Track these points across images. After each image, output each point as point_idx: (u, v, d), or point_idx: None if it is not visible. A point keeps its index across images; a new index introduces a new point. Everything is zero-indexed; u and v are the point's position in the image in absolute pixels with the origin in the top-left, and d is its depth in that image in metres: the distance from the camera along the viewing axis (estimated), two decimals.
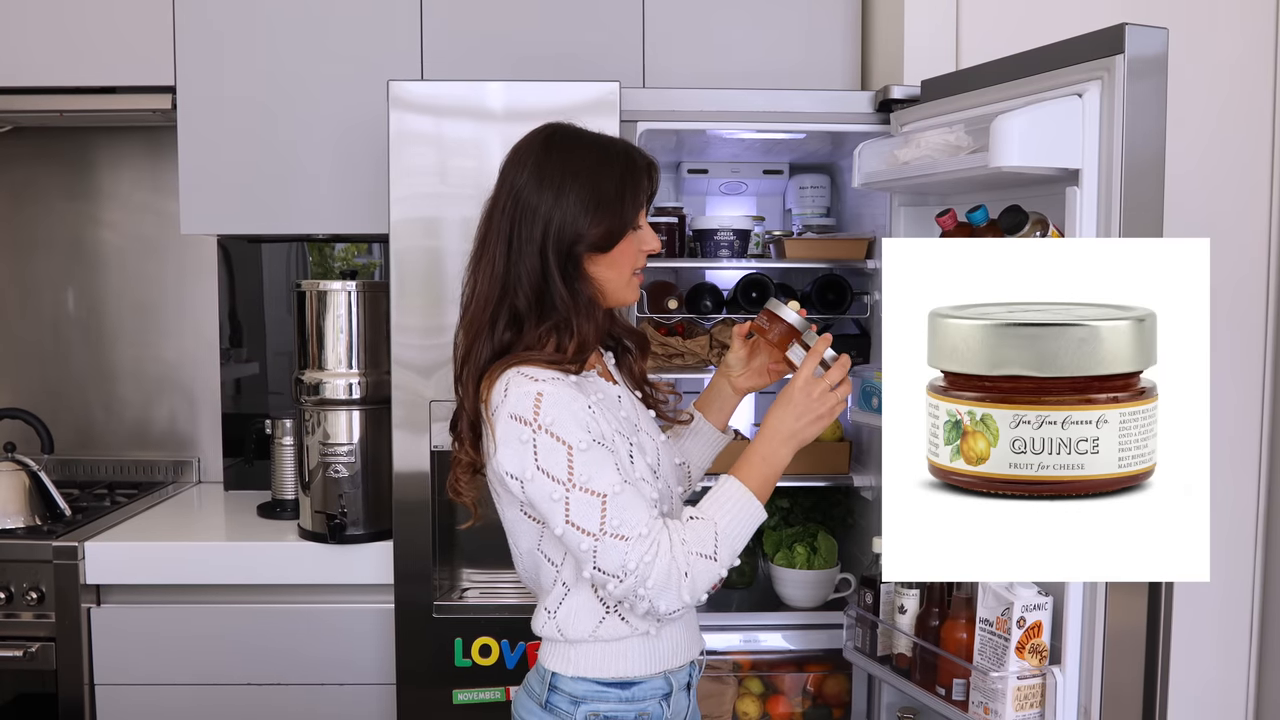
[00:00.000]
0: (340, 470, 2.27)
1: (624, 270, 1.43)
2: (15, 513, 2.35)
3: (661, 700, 1.46)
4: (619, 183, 1.39)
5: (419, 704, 2.12)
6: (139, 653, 2.24)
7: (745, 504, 1.37)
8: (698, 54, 2.45)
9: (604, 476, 1.32)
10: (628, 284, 1.45)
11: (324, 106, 2.43)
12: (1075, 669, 1.60)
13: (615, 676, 1.43)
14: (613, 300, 1.45)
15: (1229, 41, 2.12)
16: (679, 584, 1.31)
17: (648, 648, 1.44)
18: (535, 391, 1.32)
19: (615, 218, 1.38)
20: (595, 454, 1.32)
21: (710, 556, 1.33)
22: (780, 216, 2.71)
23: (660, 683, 1.46)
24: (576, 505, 1.31)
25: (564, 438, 1.31)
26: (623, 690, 1.44)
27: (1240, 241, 2.15)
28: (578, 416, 1.33)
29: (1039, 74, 1.63)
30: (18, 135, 2.82)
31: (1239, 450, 2.18)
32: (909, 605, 1.83)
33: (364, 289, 2.27)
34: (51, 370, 2.91)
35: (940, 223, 1.74)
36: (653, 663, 1.45)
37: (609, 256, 1.40)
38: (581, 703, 1.43)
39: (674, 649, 1.47)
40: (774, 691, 2.26)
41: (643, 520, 1.32)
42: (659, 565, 1.31)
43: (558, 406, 1.32)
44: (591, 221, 1.37)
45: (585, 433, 1.32)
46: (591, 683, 1.43)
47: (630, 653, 1.44)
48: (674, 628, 1.46)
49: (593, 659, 1.43)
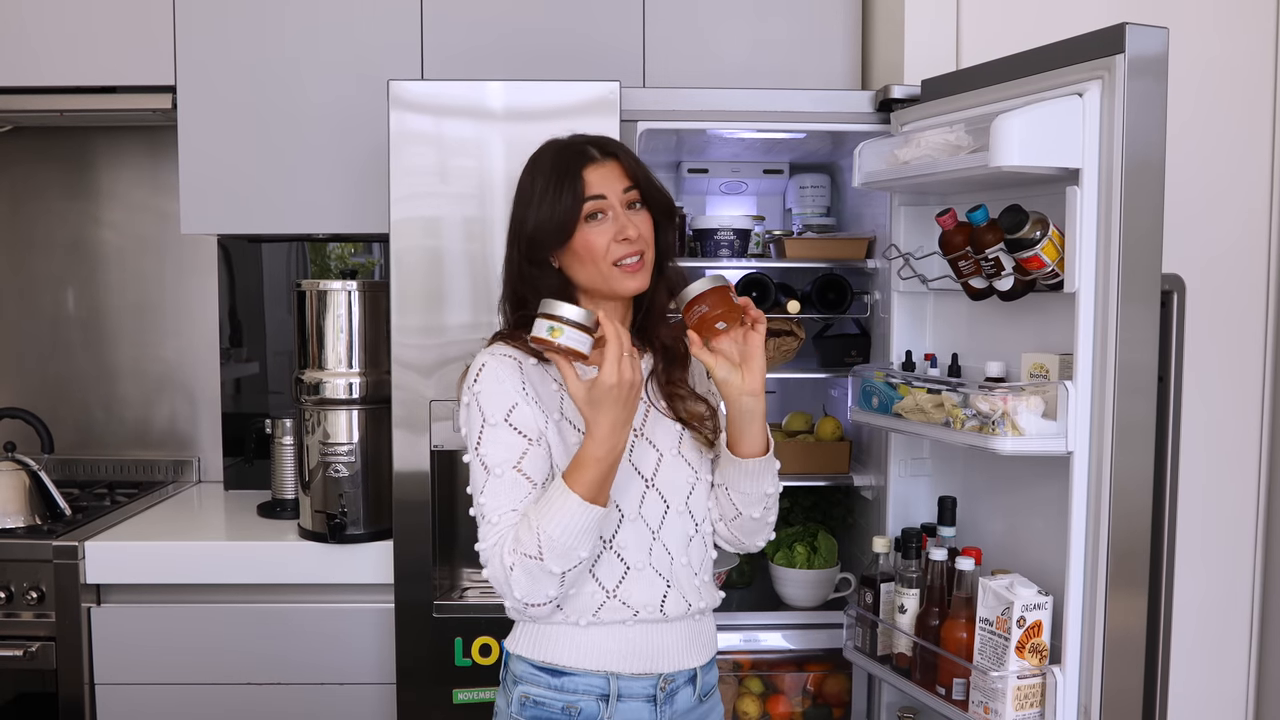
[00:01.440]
0: (340, 470, 2.27)
1: (594, 263, 1.43)
2: (15, 512, 2.35)
3: (599, 700, 1.44)
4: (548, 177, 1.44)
5: (419, 704, 2.11)
6: (139, 652, 2.24)
7: (568, 505, 1.33)
8: (698, 54, 2.45)
9: (495, 455, 1.39)
10: (609, 275, 1.43)
11: (324, 106, 2.43)
12: (1075, 668, 1.60)
13: (543, 661, 1.45)
14: (600, 290, 1.44)
15: (1229, 41, 2.12)
16: (507, 578, 1.35)
17: (575, 638, 1.44)
18: (482, 363, 1.43)
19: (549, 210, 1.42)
20: (501, 433, 1.40)
21: (534, 556, 1.33)
22: (780, 216, 2.71)
23: (598, 681, 1.44)
24: (473, 473, 1.42)
25: (483, 408, 1.41)
26: (552, 677, 1.45)
27: (1240, 241, 2.15)
28: (505, 394, 1.41)
29: (1039, 74, 1.63)
30: (18, 135, 2.82)
31: (1239, 450, 2.18)
32: (909, 605, 1.83)
33: (364, 288, 2.27)
34: (51, 370, 2.91)
35: (940, 222, 1.75)
36: (583, 657, 1.44)
37: (571, 250, 1.44)
38: (519, 682, 1.47)
39: (621, 652, 1.45)
40: (774, 691, 2.26)
41: (500, 510, 1.37)
42: (494, 557, 1.36)
43: (491, 380, 1.42)
44: (532, 218, 1.43)
45: (503, 411, 1.40)
46: (526, 663, 1.47)
47: (559, 639, 1.45)
48: (617, 630, 1.45)
49: (527, 639, 1.47)
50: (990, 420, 1.62)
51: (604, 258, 1.43)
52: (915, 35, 2.19)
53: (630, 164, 1.47)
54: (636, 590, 1.45)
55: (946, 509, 1.83)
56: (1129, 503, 1.57)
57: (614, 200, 1.44)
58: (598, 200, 1.43)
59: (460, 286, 2.07)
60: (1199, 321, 2.05)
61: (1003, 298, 1.72)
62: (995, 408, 1.61)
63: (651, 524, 1.46)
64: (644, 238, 1.45)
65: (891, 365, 2.01)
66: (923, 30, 2.19)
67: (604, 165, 1.45)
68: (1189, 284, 1.83)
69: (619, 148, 1.49)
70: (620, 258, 1.43)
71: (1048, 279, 1.64)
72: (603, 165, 1.45)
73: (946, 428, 1.71)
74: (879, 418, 1.89)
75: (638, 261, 1.45)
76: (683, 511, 1.49)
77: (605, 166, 1.45)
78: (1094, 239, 1.56)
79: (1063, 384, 1.59)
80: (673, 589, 1.47)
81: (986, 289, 1.75)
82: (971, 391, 1.67)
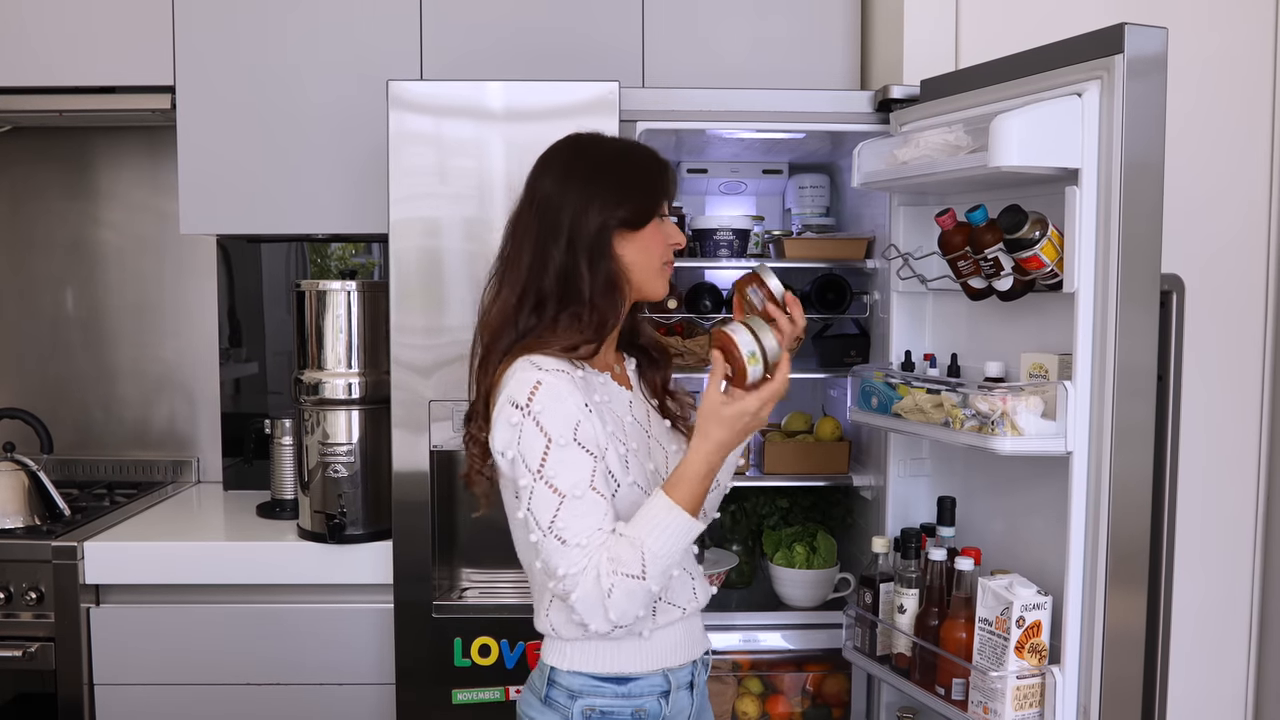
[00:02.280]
0: (339, 470, 2.27)
1: (653, 256, 1.45)
2: (14, 513, 2.35)
3: (660, 698, 1.47)
4: (644, 170, 1.46)
5: (418, 704, 2.11)
6: (138, 653, 2.24)
7: (676, 521, 1.33)
8: (697, 54, 2.45)
9: (568, 476, 1.34)
10: (658, 273, 1.47)
11: (324, 106, 2.43)
12: (1075, 668, 1.60)
13: (611, 672, 1.45)
14: (643, 289, 1.47)
15: (1228, 40, 2.12)
16: (603, 602, 1.32)
17: (641, 647, 1.46)
18: (535, 380, 1.35)
19: (644, 196, 1.44)
20: (571, 453, 1.34)
21: (637, 576, 1.32)
22: (780, 216, 2.71)
23: (658, 680, 1.48)
24: (539, 497, 1.34)
25: (546, 429, 1.34)
26: (619, 685, 1.46)
27: (1240, 240, 2.15)
28: (568, 412, 1.35)
29: (1038, 74, 1.63)
30: (18, 135, 2.82)
31: (1239, 450, 2.18)
32: (908, 605, 1.83)
33: (363, 289, 2.27)
34: (51, 370, 2.91)
35: (940, 222, 1.74)
36: (648, 661, 1.47)
37: (639, 237, 1.43)
38: (578, 697, 1.45)
39: (672, 648, 1.49)
40: (773, 691, 2.26)
41: (586, 531, 1.33)
42: (585, 580, 1.32)
43: (550, 398, 1.35)
44: (622, 199, 1.41)
45: (569, 430, 1.34)
46: (587, 677, 1.45)
47: (624, 650, 1.45)
48: (671, 630, 1.49)
49: (588, 654, 1.45)
50: (990, 420, 1.62)
51: (662, 255, 1.47)
52: (914, 35, 2.19)
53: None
54: (678, 589, 1.50)
55: (946, 509, 1.83)
56: (1128, 503, 1.57)
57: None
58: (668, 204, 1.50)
59: (460, 287, 2.06)
60: (1199, 321, 2.05)
61: (1002, 298, 1.72)
62: (994, 408, 1.61)
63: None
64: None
65: (891, 365, 2.01)
66: (922, 30, 2.19)
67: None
68: (1188, 283, 1.83)
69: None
70: (668, 260, 1.49)
71: (1047, 279, 1.64)
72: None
73: (946, 428, 1.71)
74: (878, 418, 1.89)
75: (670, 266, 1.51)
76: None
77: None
78: (1093, 239, 1.56)
79: (1062, 384, 1.59)
80: (696, 579, 1.54)
81: (986, 289, 1.75)
82: (971, 391, 1.67)
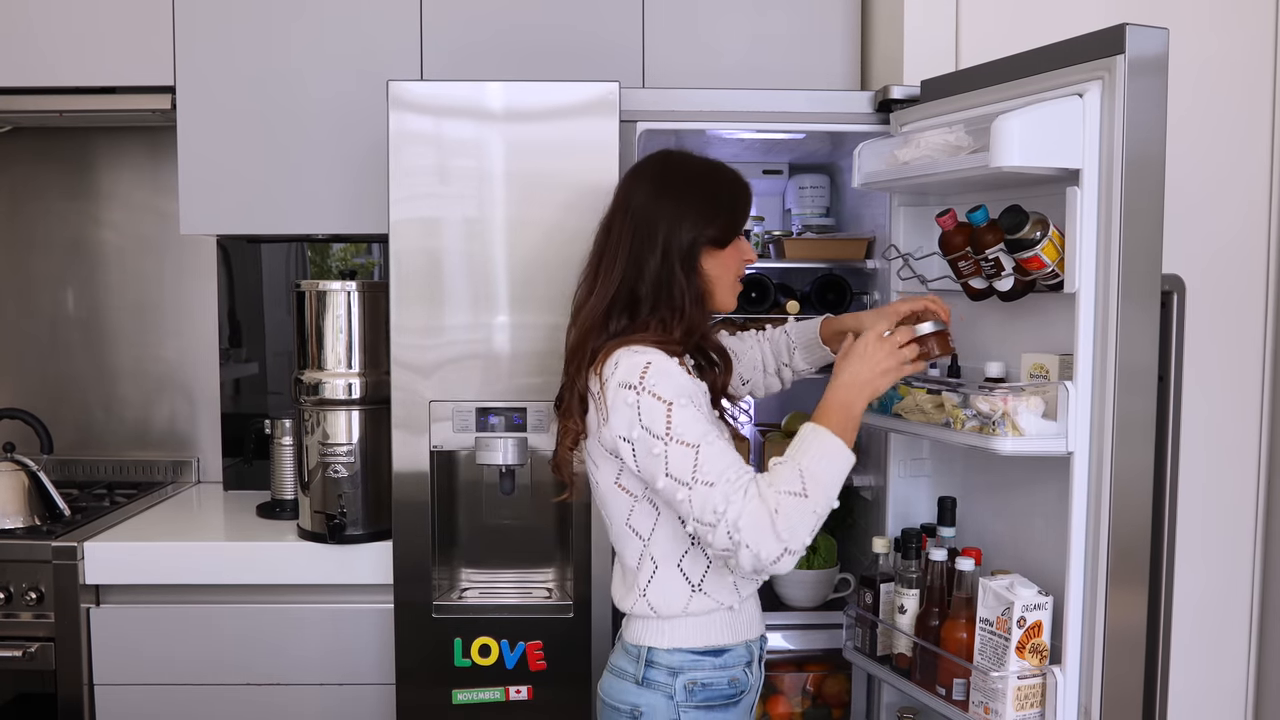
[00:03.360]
0: (340, 470, 2.27)
1: (732, 270, 1.59)
2: (14, 513, 2.35)
3: (745, 667, 1.60)
4: (732, 190, 1.59)
5: (418, 704, 2.11)
6: (138, 653, 2.24)
7: (827, 442, 1.44)
8: (697, 54, 2.45)
9: (695, 428, 1.43)
10: (732, 287, 1.61)
11: (324, 106, 2.43)
12: (1075, 668, 1.60)
13: (708, 645, 1.56)
14: (718, 300, 1.60)
15: (1229, 41, 2.12)
16: (770, 522, 1.38)
17: (731, 619, 1.58)
18: (644, 361, 1.47)
19: (731, 216, 1.57)
20: (690, 411, 1.44)
21: (799, 494, 1.39)
22: (780, 216, 2.71)
23: (743, 651, 1.60)
24: (674, 457, 1.43)
25: (663, 396, 1.44)
26: (715, 658, 1.57)
27: (1240, 240, 2.15)
28: (679, 381, 1.47)
29: (1039, 74, 1.63)
30: (18, 135, 2.82)
31: (1239, 449, 2.18)
32: (909, 605, 1.83)
33: (363, 289, 2.26)
34: (51, 370, 2.91)
35: (940, 223, 1.74)
36: (737, 632, 1.59)
37: (723, 255, 1.57)
38: (680, 673, 1.55)
39: (750, 621, 1.63)
40: (774, 691, 2.26)
41: (730, 467, 1.42)
42: (749, 508, 1.39)
43: (661, 373, 1.46)
44: (712, 217, 1.54)
45: (684, 394, 1.45)
46: (687, 653, 1.56)
47: (718, 624, 1.57)
48: (751, 603, 1.62)
49: (687, 631, 1.56)
50: (990, 420, 1.62)
51: (736, 271, 1.61)
52: (915, 35, 2.19)
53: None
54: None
55: (946, 509, 1.83)
56: (1129, 502, 1.57)
57: None
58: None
59: (459, 287, 2.06)
60: (1199, 321, 2.05)
61: (1003, 298, 1.72)
62: (995, 408, 1.61)
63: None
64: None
65: None
66: (922, 30, 2.19)
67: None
68: (1189, 283, 1.83)
69: None
70: (741, 275, 1.62)
71: (1048, 279, 1.64)
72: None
73: (946, 428, 1.71)
74: (878, 418, 1.89)
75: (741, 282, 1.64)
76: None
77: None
78: (1094, 239, 1.56)
79: (1063, 384, 1.59)
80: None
81: (986, 289, 1.75)
82: (971, 392, 1.67)
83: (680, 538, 1.54)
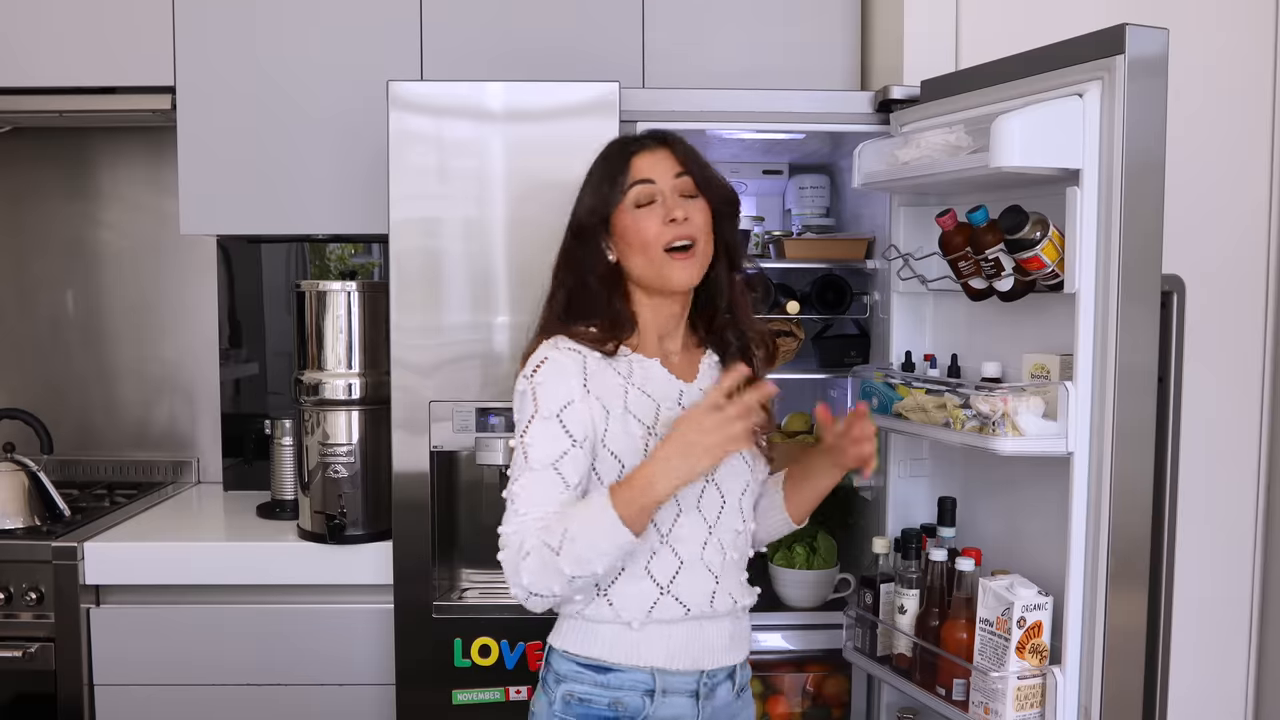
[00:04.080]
0: (340, 470, 2.27)
1: (644, 250, 1.44)
2: (14, 513, 2.35)
3: (644, 695, 1.45)
4: (599, 165, 1.49)
5: (418, 704, 2.11)
6: (138, 653, 2.24)
7: (602, 517, 1.32)
8: (697, 54, 2.45)
9: (539, 450, 1.39)
10: (660, 264, 1.44)
11: (324, 106, 2.43)
12: (1075, 669, 1.60)
13: (591, 658, 1.45)
14: (652, 282, 1.47)
15: (1229, 41, 2.12)
16: (519, 563, 1.35)
17: (625, 636, 1.45)
18: (544, 356, 1.43)
19: (594, 195, 1.47)
20: (550, 427, 1.39)
21: (554, 549, 1.33)
22: (780, 216, 2.71)
23: (643, 677, 1.45)
24: (515, 459, 1.42)
25: (538, 399, 1.41)
26: (598, 674, 1.45)
27: (1240, 241, 2.15)
28: (564, 390, 1.40)
29: (1039, 74, 1.63)
30: (18, 135, 2.82)
31: (1239, 450, 2.18)
32: (909, 605, 1.83)
33: (364, 289, 2.26)
34: (51, 370, 2.90)
35: (940, 223, 1.74)
36: (632, 654, 1.45)
37: (624, 238, 1.46)
38: (562, 681, 1.47)
39: (667, 649, 1.46)
40: (774, 691, 2.26)
41: (530, 502, 1.37)
42: (513, 541, 1.36)
43: (552, 373, 1.42)
44: (584, 202, 1.48)
45: (558, 406, 1.40)
46: (571, 662, 1.46)
47: (609, 637, 1.45)
48: (671, 629, 1.46)
49: (574, 635, 1.47)
50: (990, 421, 1.62)
51: (655, 243, 1.44)
52: (914, 36, 2.19)
53: (683, 152, 1.49)
54: (689, 586, 1.46)
55: (946, 510, 1.83)
56: (1129, 503, 1.57)
57: (664, 186, 1.45)
58: (645, 185, 1.45)
59: (460, 287, 2.06)
60: (1199, 322, 2.05)
61: (1003, 298, 1.72)
62: (996, 408, 1.61)
63: (709, 518, 1.48)
64: (695, 224, 1.45)
65: (891, 366, 2.01)
66: (922, 31, 2.19)
67: (654, 152, 1.48)
68: (1189, 284, 1.83)
69: (673, 137, 1.51)
70: (670, 242, 1.43)
71: (1048, 279, 1.64)
72: (653, 152, 1.48)
73: (946, 428, 1.71)
74: (879, 418, 1.89)
75: (689, 250, 1.44)
76: (736, 509, 1.51)
77: (656, 154, 1.48)
78: (1094, 240, 1.56)
79: (1063, 384, 1.59)
80: (721, 585, 1.49)
81: (986, 290, 1.75)
82: (972, 392, 1.67)
83: None
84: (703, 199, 1.47)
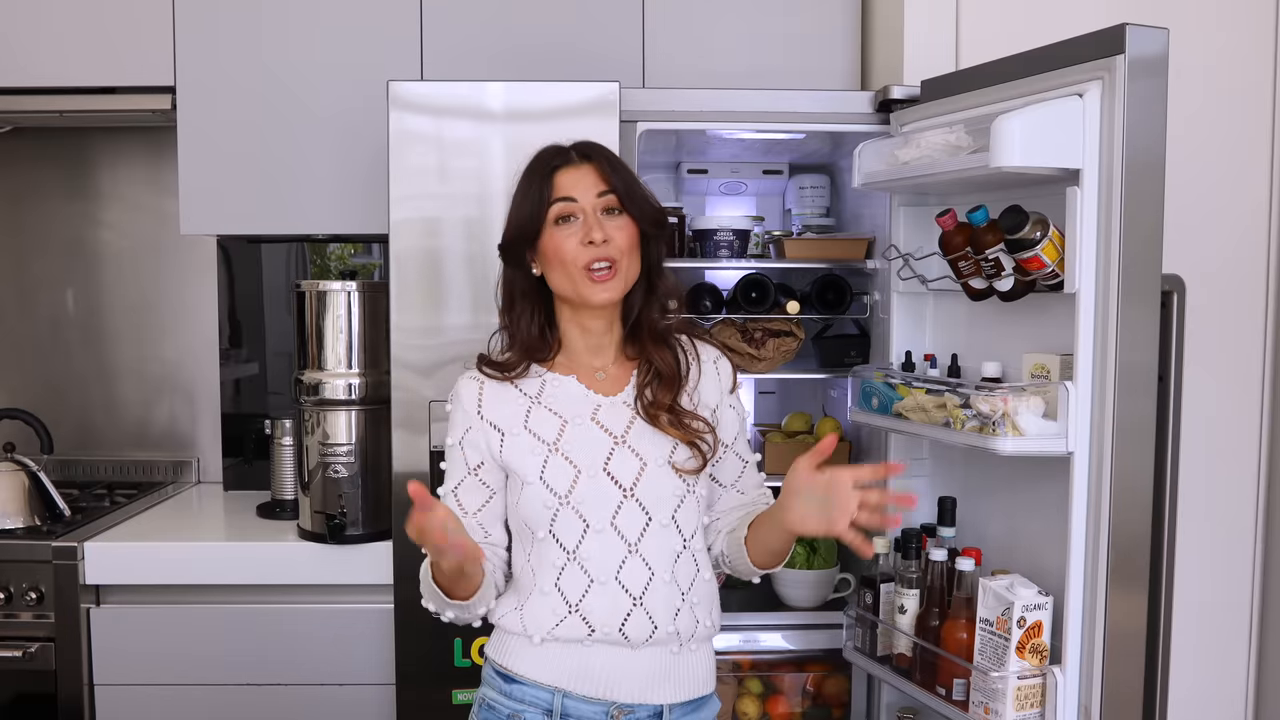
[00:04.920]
0: (340, 470, 2.27)
1: (563, 267, 1.41)
2: (15, 513, 2.35)
3: (544, 714, 1.41)
4: (523, 181, 1.46)
5: (418, 704, 2.11)
6: (138, 653, 2.24)
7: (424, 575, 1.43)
8: (697, 54, 2.45)
9: (447, 477, 1.50)
10: (579, 282, 1.41)
11: (324, 106, 2.43)
12: (1075, 669, 1.60)
13: (501, 665, 1.46)
14: (573, 299, 1.44)
15: (1229, 41, 2.12)
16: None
17: (526, 648, 1.43)
18: (458, 385, 1.51)
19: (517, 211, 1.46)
20: (454, 454, 1.49)
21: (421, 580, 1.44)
22: (780, 216, 2.71)
23: (544, 695, 1.41)
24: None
25: (450, 426, 1.51)
26: (505, 683, 1.45)
27: (1240, 241, 2.15)
28: (462, 417, 1.48)
29: (1039, 74, 1.63)
30: (18, 135, 2.82)
31: (1239, 450, 2.18)
32: (909, 605, 1.83)
33: (364, 289, 2.26)
34: (51, 370, 2.90)
35: (940, 223, 1.74)
36: (533, 667, 1.42)
37: (544, 254, 1.44)
38: (482, 684, 1.51)
39: (573, 671, 1.41)
40: (774, 691, 2.26)
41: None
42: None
43: (456, 401, 1.50)
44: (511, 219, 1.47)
45: (460, 433, 1.48)
46: (490, 666, 1.49)
47: (515, 648, 1.45)
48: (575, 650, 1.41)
49: (494, 640, 1.50)
50: (991, 421, 1.62)
51: (573, 262, 1.40)
52: (915, 35, 2.19)
53: (608, 169, 1.44)
54: (598, 606, 1.40)
55: (946, 509, 1.83)
56: (1129, 503, 1.57)
57: (585, 204, 1.42)
58: (566, 203, 1.42)
59: (460, 287, 2.06)
60: (1199, 321, 2.05)
61: (1003, 298, 1.72)
62: (996, 408, 1.61)
63: (628, 536, 1.41)
64: (615, 245, 1.41)
65: (891, 366, 2.01)
66: (922, 30, 2.19)
67: (579, 169, 1.44)
68: (1189, 284, 1.83)
69: (599, 152, 1.46)
70: (589, 263, 1.40)
71: (1048, 279, 1.64)
72: (577, 169, 1.44)
73: (947, 428, 1.71)
74: (879, 418, 1.89)
75: (608, 270, 1.41)
76: (668, 525, 1.43)
77: (580, 170, 1.43)
78: (1094, 239, 1.56)
79: (1063, 384, 1.59)
80: (639, 609, 1.41)
81: (986, 289, 1.75)
82: (972, 392, 1.67)
83: (523, 538, 1.47)
84: (627, 216, 1.43)
